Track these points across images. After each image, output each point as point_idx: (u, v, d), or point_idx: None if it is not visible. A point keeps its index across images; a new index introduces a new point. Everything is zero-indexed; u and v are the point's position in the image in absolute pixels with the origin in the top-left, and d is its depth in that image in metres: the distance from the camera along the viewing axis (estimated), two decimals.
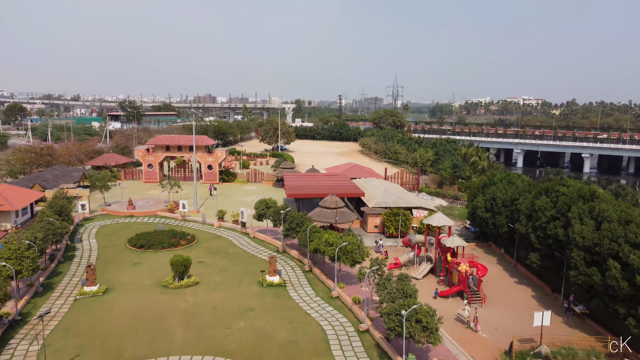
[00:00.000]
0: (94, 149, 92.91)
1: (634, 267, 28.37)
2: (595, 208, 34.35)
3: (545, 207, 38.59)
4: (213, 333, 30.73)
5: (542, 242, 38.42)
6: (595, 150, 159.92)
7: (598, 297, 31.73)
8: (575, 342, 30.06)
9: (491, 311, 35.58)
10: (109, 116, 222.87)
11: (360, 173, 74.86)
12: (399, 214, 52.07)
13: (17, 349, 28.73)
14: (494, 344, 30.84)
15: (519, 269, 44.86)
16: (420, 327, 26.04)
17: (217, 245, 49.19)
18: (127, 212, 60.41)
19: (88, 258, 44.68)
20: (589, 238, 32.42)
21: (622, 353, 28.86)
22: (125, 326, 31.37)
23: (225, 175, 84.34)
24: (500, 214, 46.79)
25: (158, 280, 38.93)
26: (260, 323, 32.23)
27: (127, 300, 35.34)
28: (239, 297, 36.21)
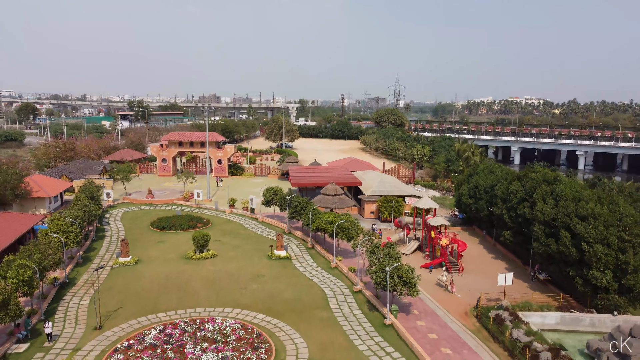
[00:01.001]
0: (111, 145, 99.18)
1: (580, 235, 34.21)
2: (555, 189, 40.23)
3: (516, 191, 44.50)
4: (231, 292, 36.80)
5: (514, 221, 44.28)
6: (588, 148, 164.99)
7: (554, 264, 37.60)
8: (533, 299, 35.98)
9: (467, 279, 41.46)
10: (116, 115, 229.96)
11: (359, 167, 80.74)
12: (392, 201, 58.01)
13: (69, 304, 34.89)
14: (466, 302, 36.77)
15: (497, 247, 50.70)
16: (402, 281, 31.99)
17: (229, 227, 55.27)
18: (147, 201, 66.60)
19: (117, 237, 50.87)
20: (548, 214, 38.29)
21: (569, 305, 34.76)
22: (157, 287, 37.51)
23: (234, 169, 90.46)
24: (482, 199, 52.60)
25: (181, 254, 45.06)
26: (270, 286, 38.28)
27: (156, 268, 41.49)
28: (251, 267, 42.27)
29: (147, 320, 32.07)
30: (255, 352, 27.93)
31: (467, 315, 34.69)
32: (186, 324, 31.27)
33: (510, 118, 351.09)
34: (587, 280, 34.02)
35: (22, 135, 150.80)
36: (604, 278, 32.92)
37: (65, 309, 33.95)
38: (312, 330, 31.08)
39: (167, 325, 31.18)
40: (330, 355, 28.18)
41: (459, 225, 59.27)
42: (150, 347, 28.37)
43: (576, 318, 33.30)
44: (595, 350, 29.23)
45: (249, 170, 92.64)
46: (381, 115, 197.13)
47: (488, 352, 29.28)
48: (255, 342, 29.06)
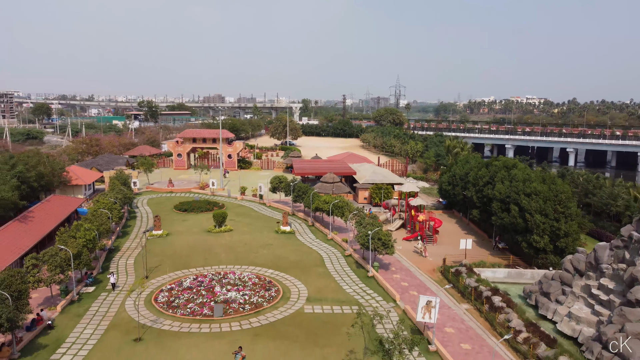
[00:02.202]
0: (130, 142, 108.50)
1: (525, 208, 42.97)
2: (511, 173, 49.00)
3: (483, 176, 53.29)
4: (246, 255, 45.79)
5: (480, 201, 53.05)
6: (578, 145, 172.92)
7: (508, 233, 46.40)
8: (488, 260, 44.81)
9: (440, 248, 50.24)
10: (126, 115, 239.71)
11: (355, 160, 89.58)
12: (382, 188, 66.86)
13: (118, 263, 43.95)
14: (435, 263, 45.59)
15: (470, 225, 59.44)
16: (381, 243, 40.84)
17: (241, 210, 64.26)
18: (168, 189, 75.72)
19: (147, 217, 59.96)
20: (504, 192, 47.05)
21: (517, 264, 43.58)
22: (187, 251, 46.55)
23: (243, 163, 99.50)
24: (458, 185, 61.31)
25: (203, 229, 54.10)
26: (277, 251, 47.23)
27: (184, 238, 50.54)
28: (262, 238, 51.25)
29: (182, 273, 41.09)
30: (268, 292, 36.88)
31: (434, 271, 43.55)
32: (213, 275, 40.27)
33: (510, 117, 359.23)
34: (530, 244, 42.84)
35: (42, 134, 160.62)
36: (542, 241, 41.71)
37: (117, 266, 43.01)
38: (310, 280, 40.01)
39: (198, 275, 40.19)
40: (324, 294, 37.11)
41: (441, 209, 67.99)
42: (187, 288, 37.36)
43: (520, 273, 42.08)
44: (528, 292, 38.05)
45: (256, 164, 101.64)
46: (381, 115, 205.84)
47: (445, 294, 38.10)
48: (267, 286, 38.02)
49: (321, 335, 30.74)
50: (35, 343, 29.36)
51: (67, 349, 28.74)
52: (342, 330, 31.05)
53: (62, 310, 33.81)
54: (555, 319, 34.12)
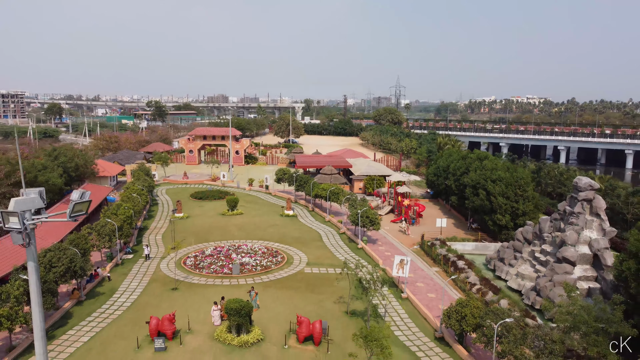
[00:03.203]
0: (144, 139, 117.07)
1: (491, 192, 51.10)
2: (483, 164, 57.15)
3: (460, 166, 61.45)
4: (256, 232, 54.10)
5: (458, 188, 61.19)
6: (568, 143, 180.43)
7: (478, 214, 54.55)
8: (460, 236, 53.00)
9: (422, 228, 58.35)
10: (135, 114, 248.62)
11: (353, 156, 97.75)
12: (375, 179, 75.07)
13: (149, 238, 52.32)
14: (416, 239, 53.79)
15: (451, 211, 67.56)
16: (369, 220, 49.05)
17: (250, 198, 72.58)
18: (183, 181, 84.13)
19: (167, 204, 68.34)
20: (475, 179, 55.18)
21: (482, 238, 51.82)
22: (206, 229, 54.89)
23: (249, 159, 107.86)
24: (441, 176, 69.46)
25: (218, 212, 62.47)
26: (282, 230, 55.52)
27: (202, 219, 58.90)
28: (269, 220, 59.55)
29: (203, 245, 49.41)
30: (275, 258, 45.20)
31: (414, 245, 51.77)
32: (229, 246, 48.60)
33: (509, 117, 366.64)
34: (495, 222, 50.96)
35: (58, 133, 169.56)
36: (504, 219, 49.85)
37: (148, 240, 51.40)
38: (310, 250, 48.28)
39: (217, 247, 48.52)
40: (321, 260, 45.38)
41: (428, 198, 76.11)
42: (209, 255, 45.69)
43: (485, 245, 50.24)
44: (489, 260, 46.23)
45: (261, 160, 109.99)
46: (380, 114, 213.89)
47: (421, 260, 46.32)
48: (274, 254, 46.34)
49: (317, 287, 39.01)
50: (94, 291, 37.73)
51: (121, 294, 37.11)
52: (334, 284, 39.33)
53: (110, 270, 42.15)
54: (507, 278, 42.28)
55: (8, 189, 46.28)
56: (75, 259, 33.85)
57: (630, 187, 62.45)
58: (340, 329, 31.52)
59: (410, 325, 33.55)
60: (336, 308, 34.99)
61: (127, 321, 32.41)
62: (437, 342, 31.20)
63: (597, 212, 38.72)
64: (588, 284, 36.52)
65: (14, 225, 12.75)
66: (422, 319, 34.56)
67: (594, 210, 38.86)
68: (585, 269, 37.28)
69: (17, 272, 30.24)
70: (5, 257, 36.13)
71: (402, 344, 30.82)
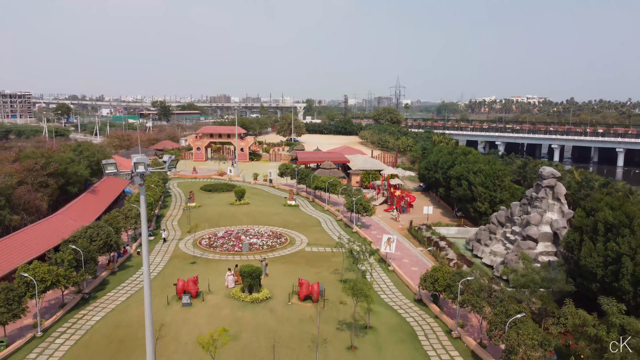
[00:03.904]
0: (154, 138, 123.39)
1: (472, 182, 57.14)
2: (466, 158, 63.20)
3: (448, 161, 67.50)
4: (261, 219, 60.23)
5: (445, 180, 67.21)
6: (562, 142, 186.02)
7: (461, 203, 60.61)
8: (444, 222, 59.07)
9: (411, 216, 64.41)
10: (141, 114, 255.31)
11: (351, 153, 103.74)
12: (370, 173, 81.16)
13: (166, 224, 58.50)
14: (405, 225, 59.86)
15: (440, 202, 73.62)
16: (362, 207, 55.14)
17: (255, 191, 78.73)
18: (192, 175, 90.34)
19: (180, 196, 74.51)
20: (459, 172, 61.25)
21: (464, 223, 57.88)
22: (216, 216, 61.03)
23: (253, 156, 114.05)
24: (431, 170, 75.49)
25: (226, 202, 68.63)
26: (285, 217, 61.63)
27: (213, 208, 65.08)
28: (273, 209, 65.69)
29: (215, 229, 55.54)
30: (279, 239, 51.34)
31: (403, 229, 57.89)
32: (238, 230, 54.74)
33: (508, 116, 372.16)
34: (476, 209, 56.99)
35: (68, 132, 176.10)
36: (483, 207, 55.88)
37: (165, 226, 57.58)
38: (310, 234, 54.39)
39: (227, 230, 54.68)
40: (319, 242, 51.50)
41: (420, 191, 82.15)
42: (221, 237, 51.85)
43: (466, 230, 56.31)
44: (468, 241, 52.32)
45: (265, 156, 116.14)
46: (379, 114, 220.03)
47: (408, 242, 52.42)
48: (278, 236, 52.48)
49: (316, 262, 45.13)
50: (125, 264, 43.91)
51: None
52: (330, 260, 45.45)
53: (135, 249, 48.33)
54: (482, 256, 48.36)
55: (44, 179, 52.42)
56: (110, 235, 40.04)
57: (602, 180, 68.44)
58: (334, 292, 37.61)
59: (394, 290, 39.66)
60: (332, 277, 41.09)
61: (155, 286, 38.58)
62: (415, 303, 37.28)
63: (558, 197, 44.78)
64: (549, 257, 42.53)
65: (140, 170, 19.91)
66: (404, 286, 40.66)
67: (555, 195, 44.92)
68: (546, 245, 43.34)
69: (66, 243, 36.39)
70: (40, 238, 42.34)
71: (387, 304, 36.90)
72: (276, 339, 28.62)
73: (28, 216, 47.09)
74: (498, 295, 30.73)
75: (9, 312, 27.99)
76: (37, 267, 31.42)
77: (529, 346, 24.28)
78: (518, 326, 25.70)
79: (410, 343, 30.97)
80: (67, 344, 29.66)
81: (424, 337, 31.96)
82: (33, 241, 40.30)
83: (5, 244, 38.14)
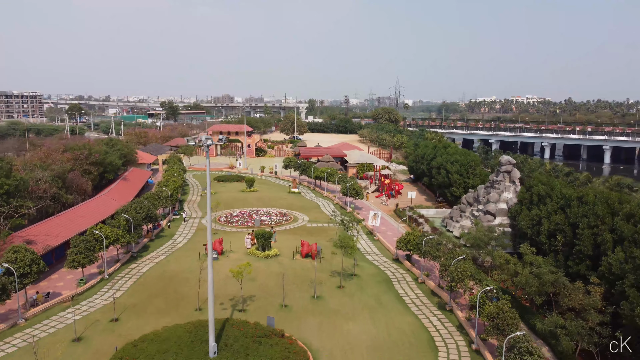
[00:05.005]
0: (168, 135, 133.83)
1: (449, 171, 67.01)
2: (447, 151, 73.12)
3: (430, 153, 77.43)
4: (269, 202, 70.28)
5: (429, 170, 77.11)
6: (551, 140, 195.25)
7: (441, 189, 70.51)
8: (425, 205, 68.99)
9: (399, 201, 74.32)
10: (150, 114, 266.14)
11: (349, 148, 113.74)
12: (365, 165, 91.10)
13: (188, 206, 68.60)
14: (392, 208, 69.80)
15: (426, 190, 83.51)
16: (355, 191, 65.10)
17: (262, 181, 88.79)
18: (204, 168, 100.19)
19: (196, 185, 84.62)
20: (439, 162, 71.12)
21: (442, 206, 67.80)
22: (231, 200, 71.11)
23: (259, 152, 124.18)
24: (419, 162, 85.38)
25: (238, 190, 78.72)
26: (289, 201, 71.64)
27: (227, 194, 75.15)
28: (278, 195, 75.75)
29: (230, 210, 65.62)
30: (284, 217, 61.35)
31: (390, 211, 67.84)
32: (250, 211, 64.77)
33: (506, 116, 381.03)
34: (452, 194, 66.84)
35: (83, 130, 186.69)
36: (458, 191, 65.71)
37: (187, 208, 67.67)
38: (310, 214, 64.37)
39: (241, 211, 64.72)
40: (318, 219, 61.48)
41: (410, 182, 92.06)
42: (235, 216, 61.90)
43: (443, 211, 66.17)
44: (443, 219, 62.21)
45: (270, 152, 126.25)
46: (378, 113, 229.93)
47: (393, 220, 62.35)
48: (284, 215, 62.49)
49: (315, 233, 55.09)
50: (160, 235, 53.98)
51: (178, 236, 53.39)
52: (326, 232, 55.40)
53: (166, 224, 58.40)
54: (453, 230, 58.20)
55: (88, 167, 62.49)
56: (151, 209, 50.13)
57: (566, 169, 78.32)
58: (328, 253, 47.54)
59: (377, 253, 49.61)
60: (327, 244, 51.03)
61: (187, 248, 48.68)
62: (393, 262, 47.20)
63: (513, 180, 54.62)
64: (504, 228, 52.32)
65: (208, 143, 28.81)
66: (386, 251, 50.60)
67: (511, 178, 54.75)
68: (503, 219, 53.14)
69: (120, 212, 46.42)
70: (94, 211, 52.41)
71: (370, 262, 46.82)
72: (284, 279, 38.57)
73: (79, 196, 57.11)
74: (450, 247, 40.60)
75: (87, 257, 37.99)
76: (102, 227, 41.50)
77: (465, 276, 34.12)
78: (459, 265, 35.52)
79: (385, 285, 40.90)
80: (128, 283, 39.76)
81: (396, 282, 41.89)
82: (89, 213, 50.47)
83: (72, 214, 48.43)
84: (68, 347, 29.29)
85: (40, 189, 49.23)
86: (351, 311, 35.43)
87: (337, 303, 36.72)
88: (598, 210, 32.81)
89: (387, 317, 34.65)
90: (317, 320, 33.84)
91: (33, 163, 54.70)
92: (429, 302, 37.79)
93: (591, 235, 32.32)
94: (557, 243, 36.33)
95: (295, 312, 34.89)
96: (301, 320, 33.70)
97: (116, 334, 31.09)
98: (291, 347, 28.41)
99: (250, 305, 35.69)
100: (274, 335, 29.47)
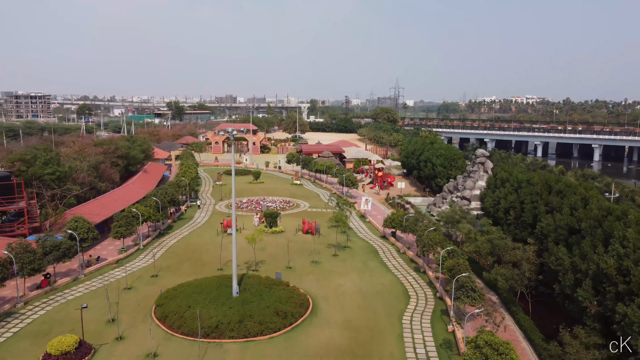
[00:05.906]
0: (177, 134, 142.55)
1: (435, 164, 75.39)
2: (434, 146, 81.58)
3: (420, 149, 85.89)
4: (274, 192, 78.79)
5: (418, 164, 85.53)
6: (543, 139, 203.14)
7: (427, 180, 78.91)
8: (412, 194, 77.43)
9: (391, 191, 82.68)
10: (157, 114, 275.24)
11: (347, 145, 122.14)
12: (361, 160, 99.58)
13: (202, 195, 77.15)
14: (384, 197, 78.19)
15: (416, 182, 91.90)
16: (350, 182, 73.56)
17: (267, 175, 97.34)
18: (214, 163, 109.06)
19: (207, 178, 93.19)
20: (426, 156, 79.52)
21: (428, 195, 76.26)
22: (240, 190, 79.62)
23: (264, 149, 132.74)
24: (410, 157, 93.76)
25: (246, 182, 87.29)
26: (292, 191, 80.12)
27: (236, 185, 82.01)
28: (283, 186, 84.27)
29: (240, 198, 74.13)
30: (288, 204, 69.87)
31: (382, 200, 76.31)
32: (257, 198, 73.27)
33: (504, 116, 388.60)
34: (437, 184, 75.21)
35: (94, 129, 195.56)
36: (442, 182, 74.11)
37: (201, 197, 76.19)
38: (311, 201, 72.87)
39: (249, 199, 73.23)
40: (318, 205, 69.99)
41: (402, 175, 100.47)
42: (245, 203, 70.41)
43: (429, 199, 74.57)
44: (428, 205, 70.63)
45: (273, 150, 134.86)
46: (377, 113, 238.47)
47: (384, 207, 70.79)
48: (288, 202, 71.02)
49: (314, 216, 63.53)
50: (180, 218, 62.54)
51: (197, 218, 61.94)
52: (324, 215, 63.87)
53: (185, 209, 66.95)
54: (435, 215, 66.58)
55: (115, 160, 71.13)
56: (174, 194, 58.70)
57: (541, 162, 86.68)
58: (326, 230, 55.98)
59: (368, 232, 58.05)
60: (325, 224, 59.51)
61: (206, 227, 57.23)
62: (381, 238, 55.63)
63: (487, 170, 62.99)
64: (477, 212, 60.71)
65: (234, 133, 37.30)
66: (375, 230, 59.04)
67: (485, 169, 63.13)
68: (477, 203, 61.52)
69: (150, 196, 54.95)
70: (125, 196, 60.96)
71: (361, 238, 55.25)
72: (289, 249, 47.00)
73: (109, 185, 65.71)
74: (426, 222, 49.06)
75: (127, 229, 46.51)
76: (138, 207, 50.08)
77: (434, 242, 42.48)
78: (430, 234, 43.88)
79: (372, 254, 49.35)
80: (160, 252, 48.33)
81: (382, 252, 50.32)
82: (121, 198, 59.10)
83: (107, 198, 57.16)
84: (122, 292, 37.83)
85: (79, 177, 57.81)
86: (343, 271, 43.92)
87: (331, 266, 45.22)
88: (538, 189, 41.16)
89: (372, 276, 43.11)
90: (315, 277, 42.33)
91: (72, 156, 63.34)
92: (407, 267, 46.21)
93: (532, 208, 40.66)
94: (510, 217, 44.68)
95: (298, 272, 43.38)
96: (303, 277, 42.19)
97: (158, 284, 39.63)
98: (295, 291, 36.87)
99: (261, 267, 44.21)
100: (281, 284, 37.92)
